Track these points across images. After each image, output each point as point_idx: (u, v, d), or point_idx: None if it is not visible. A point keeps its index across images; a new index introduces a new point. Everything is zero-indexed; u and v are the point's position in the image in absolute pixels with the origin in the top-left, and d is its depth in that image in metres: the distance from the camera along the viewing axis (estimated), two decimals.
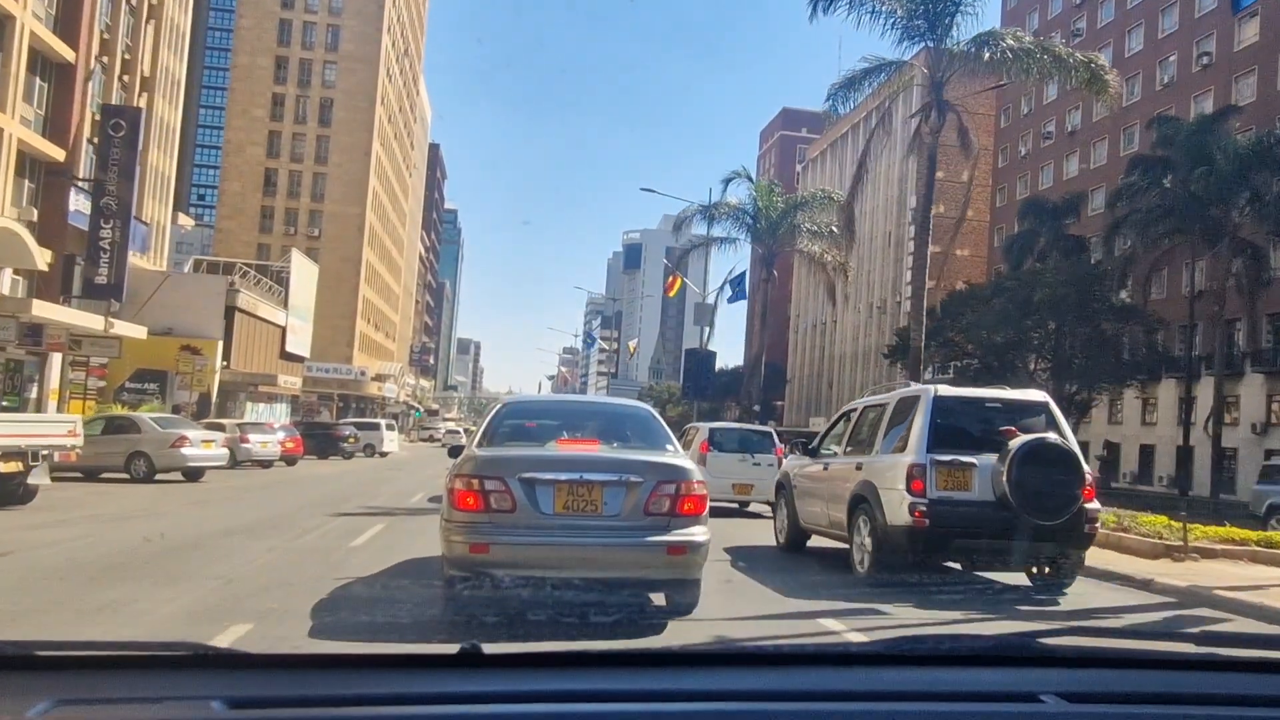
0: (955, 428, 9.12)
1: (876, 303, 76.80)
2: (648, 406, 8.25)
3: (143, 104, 40.35)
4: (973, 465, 8.82)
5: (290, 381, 47.88)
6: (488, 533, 5.91)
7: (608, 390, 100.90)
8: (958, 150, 69.47)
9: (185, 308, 40.01)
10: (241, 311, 42.76)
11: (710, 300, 35.27)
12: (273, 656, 1.71)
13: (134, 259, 41.59)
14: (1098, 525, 9.43)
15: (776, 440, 17.23)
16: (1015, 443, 8.67)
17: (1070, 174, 60.42)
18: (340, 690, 1.52)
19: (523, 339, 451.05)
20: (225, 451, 19.47)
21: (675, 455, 6.68)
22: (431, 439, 76.10)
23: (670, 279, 33.72)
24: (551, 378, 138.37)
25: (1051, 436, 8.86)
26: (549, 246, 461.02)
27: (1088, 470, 8.96)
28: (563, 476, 6.08)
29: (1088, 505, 8.86)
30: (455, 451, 7.15)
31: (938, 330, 43.32)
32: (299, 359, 55.16)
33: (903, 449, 9.08)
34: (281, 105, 74.97)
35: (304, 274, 54.58)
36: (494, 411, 7.35)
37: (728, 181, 29.58)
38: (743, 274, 29.79)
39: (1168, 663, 1.90)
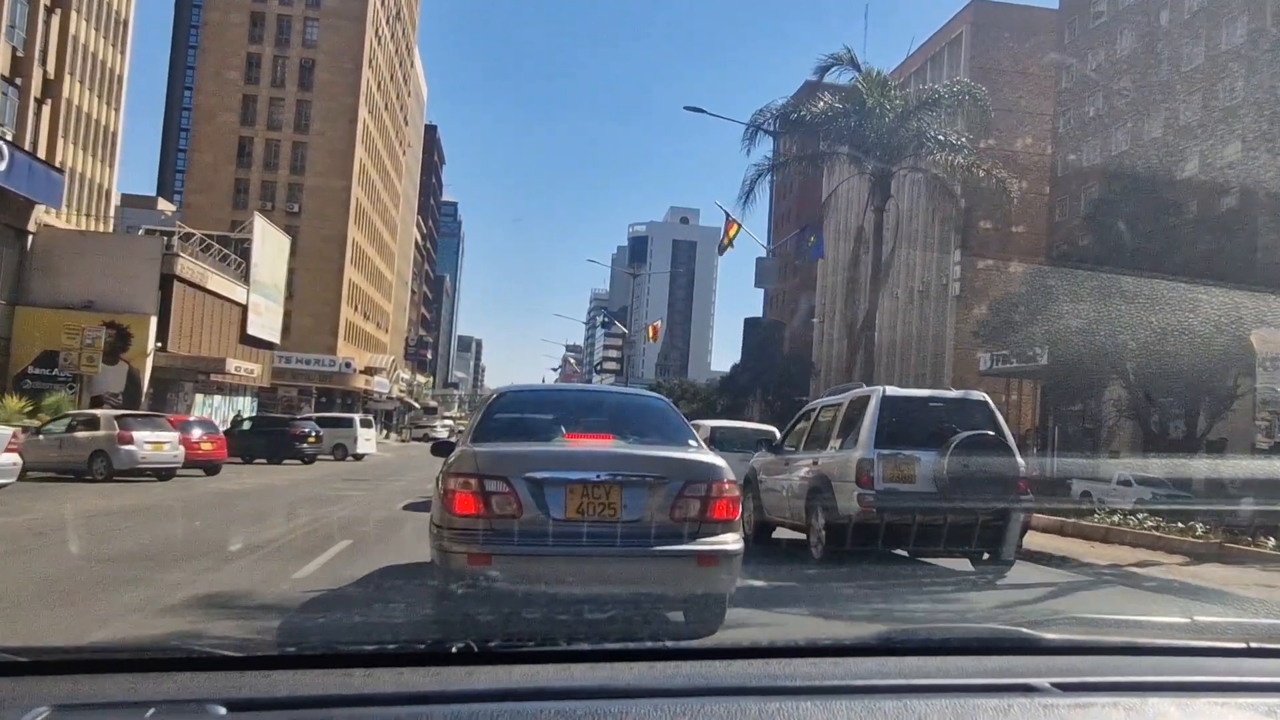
0: (901, 425, 9.86)
1: (919, 286, 68.91)
2: (664, 397, 7.48)
3: (54, 25, 32.65)
4: (916, 459, 9.57)
5: (248, 369, 40.13)
6: (489, 541, 5.22)
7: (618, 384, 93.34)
8: (1011, 115, 61.31)
9: (110, 276, 32.45)
10: (183, 282, 35.02)
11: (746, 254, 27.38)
12: (267, 657, 1.67)
13: (46, 216, 33.98)
14: (1031, 515, 10.59)
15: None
16: (955, 438, 9.49)
17: (1153, 134, 52.71)
18: (338, 690, 1.51)
19: (526, 339, 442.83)
20: (13, 460, 11.88)
21: (702, 452, 6.04)
22: (426, 438, 68.88)
23: (727, 225, 26.21)
24: (557, 369, 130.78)
25: (989, 433, 9.72)
26: (552, 246, 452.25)
27: (1021, 464, 9.75)
28: (575, 476, 5.39)
29: (1021, 496, 9.71)
30: (440, 449, 6.68)
31: (1032, 300, 35.64)
32: (266, 345, 47.47)
33: (854, 445, 9.84)
34: (257, 67, 67.51)
35: (271, 245, 46.78)
36: (490, 401, 6.74)
37: (824, 70, 21.57)
38: (819, 221, 22.17)
39: (1158, 650, 1.91)
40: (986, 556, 9.76)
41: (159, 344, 33.43)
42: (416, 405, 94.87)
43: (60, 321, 30.76)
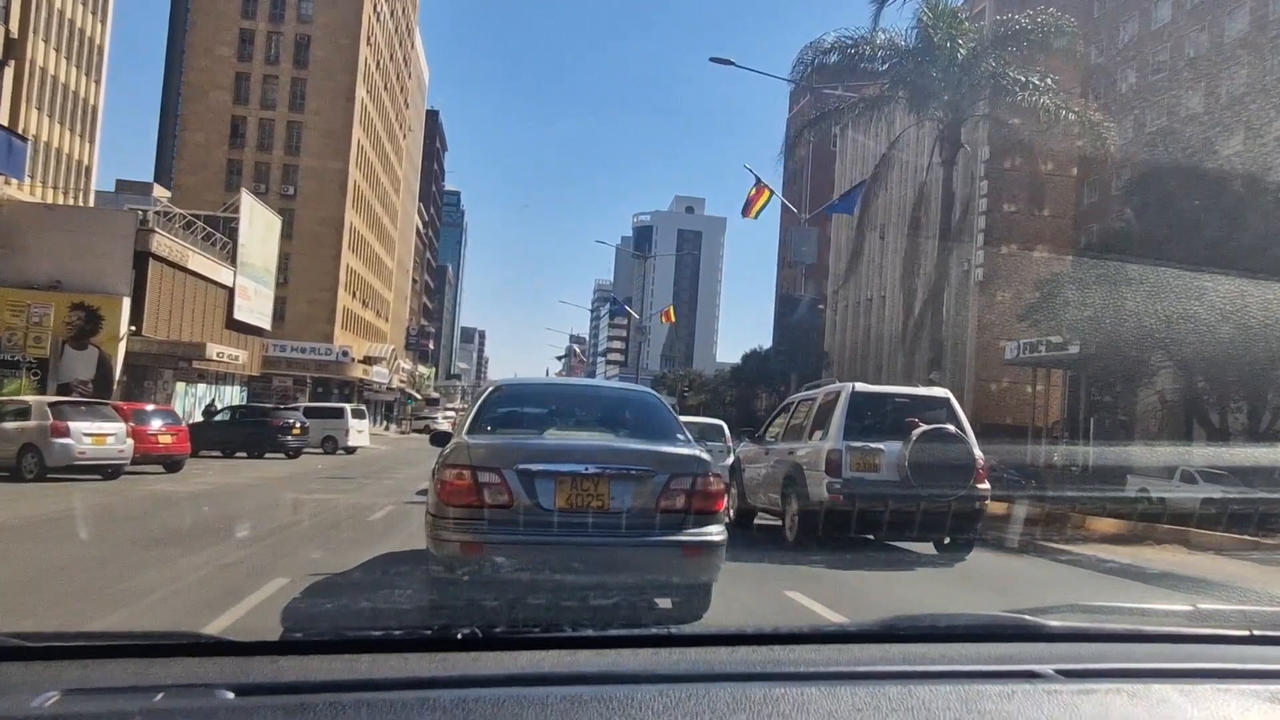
0: (869, 419, 10.67)
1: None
2: (654, 392, 7.96)
3: None
4: (880, 450, 10.30)
5: (231, 355, 37.54)
6: (482, 531, 5.36)
7: (619, 377, 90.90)
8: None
9: (80, 254, 29.94)
10: (159, 260, 32.44)
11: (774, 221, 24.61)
12: (274, 643, 1.69)
13: (17, 191, 31.43)
14: (987, 503, 10.71)
15: (726, 431, 18.96)
16: (916, 431, 10.23)
17: (1192, 109, 49.96)
18: (345, 675, 1.52)
19: (530, 330, 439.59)
20: None
21: (689, 446, 6.14)
22: (428, 429, 66.37)
23: (753, 192, 23.60)
24: (562, 358, 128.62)
25: (948, 427, 10.47)
26: (556, 238, 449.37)
27: (979, 456, 10.44)
28: (566, 468, 5.56)
29: (979, 486, 10.36)
30: (438, 439, 6.86)
31: (1074, 284, 33.00)
32: (256, 331, 44.90)
33: (824, 437, 10.57)
34: (250, 43, 64.90)
35: (260, 225, 44.18)
36: (485, 394, 6.86)
37: (882, 1, 18.85)
38: (862, 183, 19.74)
39: (1161, 637, 1.93)
40: (948, 542, 10.55)
41: (133, 327, 30.91)
42: (417, 396, 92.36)
43: (21, 301, 28.25)
